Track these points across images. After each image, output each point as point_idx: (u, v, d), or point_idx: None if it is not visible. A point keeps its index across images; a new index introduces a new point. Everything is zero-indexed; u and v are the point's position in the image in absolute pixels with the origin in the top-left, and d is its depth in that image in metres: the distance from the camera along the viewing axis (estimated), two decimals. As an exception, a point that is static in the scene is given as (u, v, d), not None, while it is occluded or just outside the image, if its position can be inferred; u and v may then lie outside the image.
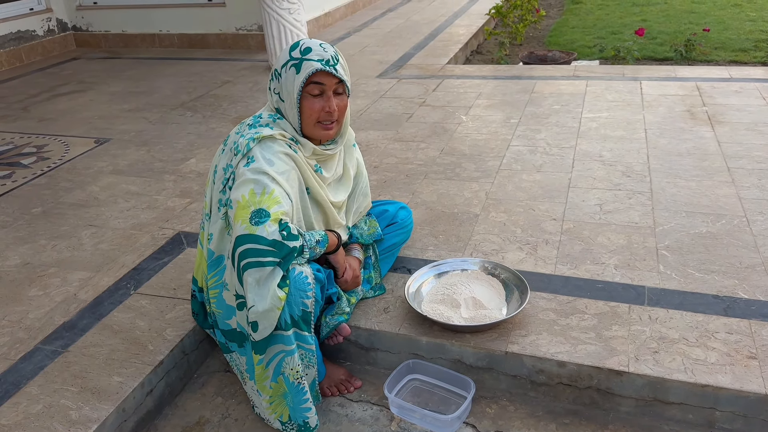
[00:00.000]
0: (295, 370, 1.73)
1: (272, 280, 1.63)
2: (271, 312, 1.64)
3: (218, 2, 6.19)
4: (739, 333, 1.91)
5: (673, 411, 1.81)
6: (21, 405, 1.82)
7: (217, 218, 1.82)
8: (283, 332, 1.69)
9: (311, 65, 1.75)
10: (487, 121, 3.79)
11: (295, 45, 1.81)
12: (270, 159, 1.75)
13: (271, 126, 1.82)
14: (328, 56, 1.77)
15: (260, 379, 1.76)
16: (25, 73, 5.84)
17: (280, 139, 1.79)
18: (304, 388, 1.76)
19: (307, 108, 1.80)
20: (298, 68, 1.76)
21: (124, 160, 3.61)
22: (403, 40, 6.05)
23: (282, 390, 1.76)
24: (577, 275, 2.24)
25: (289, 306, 1.68)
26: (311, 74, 1.75)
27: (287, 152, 1.79)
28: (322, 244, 1.82)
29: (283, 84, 1.80)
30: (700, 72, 4.47)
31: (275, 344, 1.70)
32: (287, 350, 1.71)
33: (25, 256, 2.64)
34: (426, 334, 2.01)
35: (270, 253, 1.63)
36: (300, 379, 1.74)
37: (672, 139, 3.34)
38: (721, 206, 2.63)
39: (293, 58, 1.78)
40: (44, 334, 2.12)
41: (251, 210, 1.66)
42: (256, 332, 1.67)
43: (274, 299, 1.62)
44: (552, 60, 5.55)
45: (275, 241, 1.63)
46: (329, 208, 1.94)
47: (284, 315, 1.68)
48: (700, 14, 7.12)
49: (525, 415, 1.89)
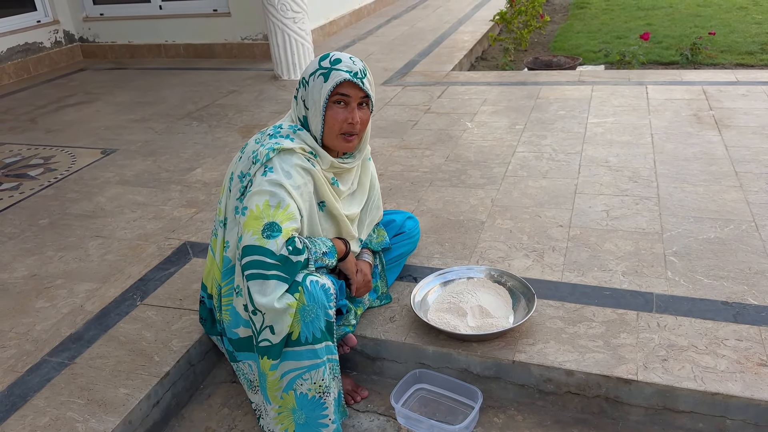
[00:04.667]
0: (317, 384, 1.72)
1: (275, 291, 1.63)
2: (283, 314, 1.63)
3: (224, 12, 6.23)
4: (749, 340, 1.89)
5: (683, 419, 1.79)
6: (28, 417, 1.82)
7: (234, 225, 1.82)
8: (312, 346, 1.68)
9: (339, 75, 1.77)
10: (492, 128, 3.78)
11: (325, 56, 1.82)
12: (288, 171, 1.75)
13: (291, 138, 1.82)
14: (357, 69, 1.80)
15: (271, 388, 1.75)
16: (33, 85, 5.89)
17: (299, 152, 1.79)
18: (324, 404, 1.74)
19: (331, 117, 1.81)
20: (326, 77, 1.78)
21: (130, 171, 3.63)
22: (408, 48, 6.06)
23: (291, 404, 1.75)
24: (584, 282, 2.23)
25: (316, 320, 1.68)
26: (339, 84, 1.77)
27: (305, 166, 1.79)
28: (330, 255, 1.81)
29: (310, 92, 1.81)
30: (707, 76, 4.46)
31: (293, 360, 1.70)
32: (307, 365, 1.70)
33: (32, 267, 2.65)
34: (432, 343, 2.00)
35: (274, 267, 1.64)
36: (323, 394, 1.73)
37: (679, 143, 3.33)
38: (730, 211, 2.61)
39: (322, 68, 1.79)
40: (51, 345, 2.12)
41: (264, 222, 1.67)
42: (275, 334, 1.66)
43: (281, 303, 1.63)
44: (557, 65, 5.54)
45: (282, 256, 1.65)
46: (344, 221, 1.94)
47: (311, 329, 1.67)
48: (706, 17, 7.10)
49: (533, 424, 1.88)
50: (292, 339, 1.68)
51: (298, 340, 1.68)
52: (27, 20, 6.36)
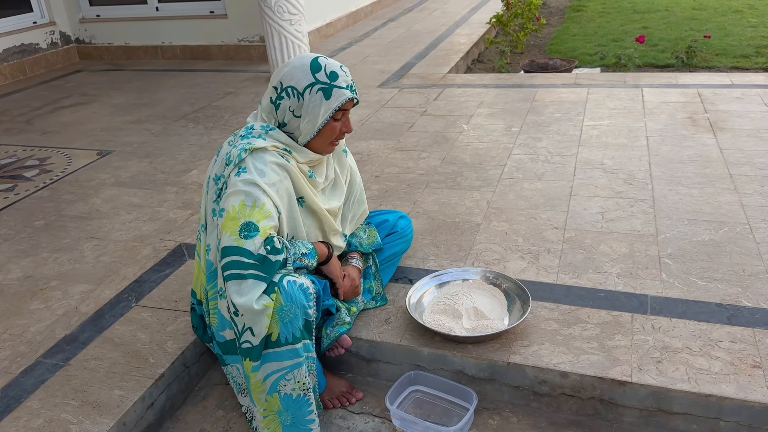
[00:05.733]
0: (301, 382, 1.73)
1: (253, 291, 1.64)
2: (261, 315, 1.64)
3: (220, 14, 6.23)
4: (743, 342, 1.90)
5: (677, 421, 1.79)
6: (21, 419, 1.81)
7: (213, 228, 1.83)
8: (292, 346, 1.69)
9: (343, 94, 1.80)
10: (488, 130, 3.79)
11: (316, 66, 1.79)
12: (261, 169, 1.75)
13: (263, 137, 1.82)
14: (351, 81, 1.83)
15: (255, 390, 1.75)
16: (29, 86, 5.87)
17: (272, 150, 1.79)
18: (309, 400, 1.75)
19: (329, 130, 1.85)
20: (327, 94, 1.78)
21: (126, 172, 3.62)
22: (405, 50, 6.07)
23: (276, 407, 1.75)
24: (579, 284, 2.23)
25: (295, 320, 1.68)
26: (344, 103, 1.81)
27: (279, 162, 1.79)
28: (310, 256, 1.83)
29: (306, 106, 1.80)
30: (702, 79, 4.47)
31: (275, 361, 1.70)
32: (289, 365, 1.70)
33: (27, 269, 2.64)
34: (428, 345, 2.01)
35: (252, 267, 1.65)
36: (307, 390, 1.74)
37: (674, 146, 3.34)
38: (724, 214, 2.62)
39: (320, 82, 1.78)
40: (45, 347, 2.12)
41: (241, 222, 1.68)
42: (254, 336, 1.67)
43: (258, 304, 1.63)
44: (553, 68, 5.56)
45: (260, 256, 1.66)
46: (324, 216, 1.94)
47: (290, 329, 1.67)
48: (701, 21, 7.13)
49: (528, 426, 1.88)
50: (272, 340, 1.68)
51: (278, 341, 1.68)
52: (23, 21, 6.35)
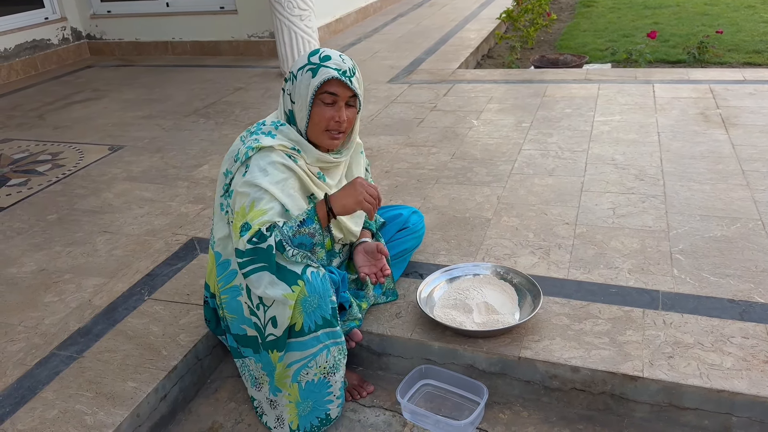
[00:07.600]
0: (322, 366, 1.77)
1: (260, 282, 1.69)
2: (283, 305, 1.68)
3: (230, 10, 6.24)
4: (756, 337, 1.89)
5: (688, 417, 1.79)
6: (37, 410, 1.84)
7: (218, 220, 1.88)
8: (314, 334, 1.73)
9: (328, 72, 1.77)
10: (498, 126, 3.78)
11: (315, 51, 1.82)
12: (265, 169, 1.76)
13: (272, 134, 1.83)
14: (346, 67, 1.79)
15: (280, 379, 1.80)
16: (40, 82, 5.91)
17: (278, 149, 1.79)
18: (329, 383, 1.79)
19: (318, 114, 1.81)
20: (314, 72, 1.78)
21: (137, 167, 3.64)
22: (414, 45, 6.06)
23: (295, 398, 1.78)
24: (590, 280, 2.23)
25: (318, 309, 1.71)
26: (326, 81, 1.76)
27: (285, 163, 1.79)
28: (309, 221, 1.75)
29: (297, 86, 1.81)
30: (714, 74, 4.44)
31: (297, 350, 1.75)
32: (311, 353, 1.74)
33: (41, 262, 2.67)
34: (438, 339, 2.01)
35: (249, 262, 1.70)
36: (327, 374, 1.78)
37: (685, 142, 3.32)
38: (736, 209, 2.60)
39: (311, 63, 1.79)
40: (59, 339, 2.14)
41: (240, 224, 1.73)
42: (276, 328, 1.70)
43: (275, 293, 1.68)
44: (563, 63, 5.53)
45: (249, 250, 1.69)
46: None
47: (313, 318, 1.71)
48: (713, 16, 7.07)
49: (538, 421, 1.88)
50: (295, 330, 1.72)
51: (301, 330, 1.72)
52: (35, 17, 6.39)
